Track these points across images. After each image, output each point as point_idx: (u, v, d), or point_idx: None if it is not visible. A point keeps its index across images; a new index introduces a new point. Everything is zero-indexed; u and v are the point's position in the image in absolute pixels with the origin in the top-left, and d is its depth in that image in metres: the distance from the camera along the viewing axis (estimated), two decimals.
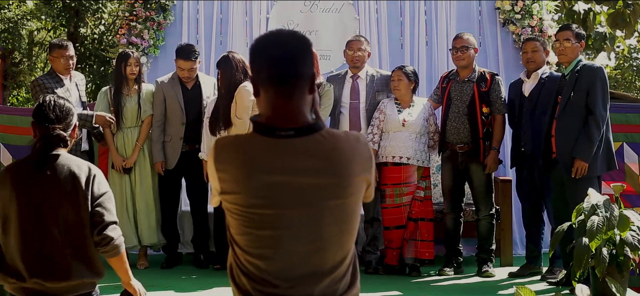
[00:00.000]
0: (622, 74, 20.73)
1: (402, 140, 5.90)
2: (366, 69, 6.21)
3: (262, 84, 1.98)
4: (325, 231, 1.94)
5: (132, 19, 7.19)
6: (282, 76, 1.96)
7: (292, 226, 1.93)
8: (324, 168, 1.93)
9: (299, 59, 1.98)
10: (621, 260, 4.44)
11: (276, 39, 2.01)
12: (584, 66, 5.26)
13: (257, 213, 1.93)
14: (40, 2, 12.68)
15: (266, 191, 1.92)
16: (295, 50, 1.98)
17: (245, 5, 7.35)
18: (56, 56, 6.05)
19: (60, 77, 6.06)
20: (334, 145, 1.96)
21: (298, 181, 1.92)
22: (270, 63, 1.97)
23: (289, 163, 1.92)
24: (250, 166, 1.93)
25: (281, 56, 1.97)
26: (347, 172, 1.95)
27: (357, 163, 1.97)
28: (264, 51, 1.99)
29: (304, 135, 1.95)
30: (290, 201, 1.92)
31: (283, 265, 1.93)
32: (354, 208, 1.99)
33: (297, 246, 1.93)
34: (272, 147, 1.94)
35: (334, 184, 1.94)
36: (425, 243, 5.93)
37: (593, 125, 5.11)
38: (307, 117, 1.98)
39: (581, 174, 5.10)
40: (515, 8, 7.11)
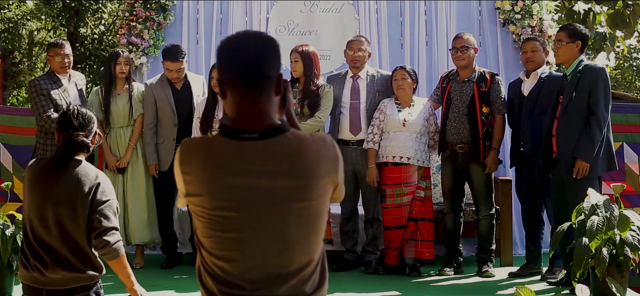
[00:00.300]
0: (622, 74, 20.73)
1: (402, 140, 5.90)
2: (366, 69, 6.21)
3: (228, 86, 1.97)
4: (290, 234, 1.93)
5: (132, 19, 7.19)
6: (247, 77, 1.95)
7: (257, 229, 1.93)
8: (289, 170, 1.93)
9: (265, 61, 1.97)
10: (621, 260, 4.44)
11: (242, 41, 1.99)
12: (586, 66, 5.24)
13: (221, 215, 1.93)
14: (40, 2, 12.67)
15: (230, 194, 1.92)
16: (261, 52, 1.97)
17: (245, 6, 7.35)
18: (52, 54, 6.07)
19: (58, 77, 6.05)
20: (299, 147, 1.95)
21: (262, 183, 1.91)
22: (236, 65, 1.96)
23: (253, 165, 1.92)
24: (214, 168, 1.93)
25: (247, 57, 1.95)
26: (312, 174, 1.94)
27: (323, 165, 1.96)
28: (230, 53, 1.97)
29: (269, 137, 1.94)
30: (254, 203, 1.92)
31: (248, 267, 1.93)
32: (319, 210, 1.98)
33: (262, 248, 1.93)
34: (237, 149, 1.94)
35: (299, 187, 1.93)
36: (425, 243, 5.93)
37: (595, 125, 5.10)
38: (273, 119, 1.98)
39: (582, 175, 5.09)
40: (515, 8, 7.11)
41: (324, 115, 5.97)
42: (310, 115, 5.92)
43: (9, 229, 4.82)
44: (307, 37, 6.99)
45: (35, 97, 5.96)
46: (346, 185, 6.43)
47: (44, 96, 5.93)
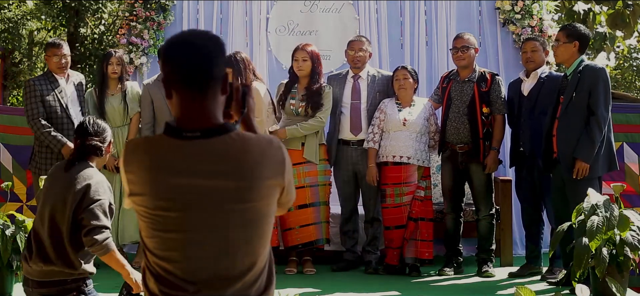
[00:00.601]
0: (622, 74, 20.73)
1: (402, 140, 5.90)
2: (367, 70, 6.21)
3: (173, 86, 1.95)
4: (232, 235, 1.91)
5: (132, 19, 7.19)
6: (191, 77, 1.93)
7: (198, 229, 1.90)
8: (231, 170, 1.90)
9: (210, 60, 1.94)
10: (621, 260, 4.44)
11: (187, 40, 1.96)
12: (586, 66, 5.24)
13: (162, 215, 1.91)
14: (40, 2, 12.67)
15: (171, 194, 1.90)
16: (206, 50, 1.95)
17: (245, 6, 7.35)
18: (50, 54, 6.07)
19: (56, 77, 6.04)
20: (242, 147, 1.92)
21: (204, 183, 1.89)
22: (181, 64, 1.93)
23: (195, 165, 1.89)
24: (155, 168, 1.91)
25: (191, 56, 1.93)
26: (255, 175, 1.91)
27: (267, 166, 1.93)
28: (175, 52, 1.95)
29: (212, 136, 1.92)
30: (195, 203, 1.89)
31: (190, 268, 1.90)
32: (264, 213, 1.95)
33: (204, 249, 1.90)
34: (179, 148, 1.91)
35: (241, 188, 1.90)
36: (425, 242, 5.93)
37: (595, 126, 5.10)
38: (217, 119, 1.95)
39: (582, 175, 5.09)
40: (515, 8, 7.11)
41: (324, 115, 5.97)
42: (312, 115, 5.92)
43: (9, 229, 4.81)
44: (307, 37, 6.99)
45: (27, 99, 5.98)
46: (346, 185, 6.50)
47: (36, 97, 5.92)
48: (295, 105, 5.95)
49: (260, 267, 1.96)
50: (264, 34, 7.34)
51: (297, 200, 5.92)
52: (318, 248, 6.12)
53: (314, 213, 5.95)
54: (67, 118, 6.00)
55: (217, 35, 2.02)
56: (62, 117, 5.99)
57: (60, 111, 5.99)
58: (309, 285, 5.44)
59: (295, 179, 5.92)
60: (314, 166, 5.95)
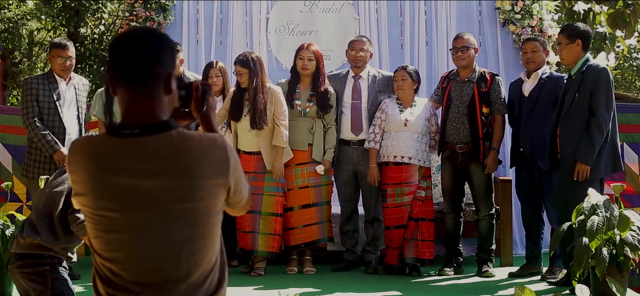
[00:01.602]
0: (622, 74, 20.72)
1: (403, 140, 5.90)
2: (368, 70, 6.21)
3: (117, 83, 1.91)
4: (175, 235, 1.87)
5: (132, 19, 7.19)
6: (133, 74, 1.89)
7: (140, 229, 1.87)
8: (170, 169, 1.86)
9: (153, 58, 1.91)
10: (621, 260, 4.44)
11: (132, 37, 1.93)
12: (590, 66, 5.20)
13: (105, 215, 1.88)
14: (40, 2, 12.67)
15: (112, 193, 1.87)
16: (149, 48, 1.91)
17: (245, 6, 7.35)
18: (54, 55, 5.91)
19: (56, 79, 5.89)
20: (183, 145, 1.88)
21: (144, 182, 1.86)
22: (124, 61, 1.90)
23: (134, 163, 1.86)
24: (96, 167, 1.88)
25: (134, 54, 1.90)
26: (195, 174, 1.87)
27: (208, 165, 1.89)
28: (119, 49, 1.92)
29: (151, 134, 1.88)
30: (136, 203, 1.86)
31: (135, 269, 1.87)
32: (207, 212, 1.91)
33: (148, 249, 1.87)
34: (119, 147, 1.88)
35: (181, 187, 1.86)
36: (425, 242, 5.93)
37: (595, 128, 5.06)
38: (159, 117, 1.90)
39: (583, 178, 5.06)
40: (515, 8, 7.11)
41: (333, 118, 6.02)
42: (321, 116, 5.93)
43: (9, 229, 4.81)
44: (307, 37, 6.99)
45: (24, 97, 5.89)
46: (346, 185, 6.50)
47: (32, 96, 5.79)
48: (302, 106, 5.95)
49: (207, 268, 1.93)
50: (264, 34, 7.34)
51: (301, 200, 5.93)
52: (320, 248, 6.13)
53: (317, 212, 5.96)
54: (59, 121, 5.84)
55: (164, 33, 1.99)
56: (54, 119, 5.84)
57: (53, 113, 5.84)
58: (309, 285, 5.44)
59: (299, 179, 5.93)
60: (316, 165, 5.95)
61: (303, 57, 5.96)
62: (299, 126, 5.95)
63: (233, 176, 1.95)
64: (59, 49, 5.88)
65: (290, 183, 5.89)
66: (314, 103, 5.95)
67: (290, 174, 5.89)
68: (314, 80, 5.97)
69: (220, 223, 1.97)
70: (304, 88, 6.00)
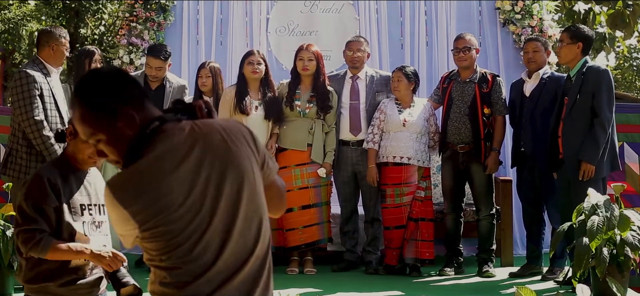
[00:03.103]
0: (622, 74, 20.74)
1: (402, 140, 5.90)
2: (366, 70, 6.22)
3: (132, 104, 1.93)
4: (252, 229, 1.98)
5: (132, 20, 7.20)
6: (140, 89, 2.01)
7: (220, 230, 1.94)
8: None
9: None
10: (622, 259, 4.44)
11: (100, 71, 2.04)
12: (590, 68, 5.25)
13: (182, 220, 1.91)
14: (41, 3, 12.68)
15: (191, 195, 1.91)
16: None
17: (245, 6, 7.35)
18: (57, 44, 5.34)
19: (47, 67, 5.31)
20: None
21: (211, 175, 1.95)
22: (131, 80, 1.99)
23: (183, 160, 1.93)
24: (160, 179, 1.92)
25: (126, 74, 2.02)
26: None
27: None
28: (120, 80, 1.97)
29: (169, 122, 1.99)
30: (210, 199, 1.93)
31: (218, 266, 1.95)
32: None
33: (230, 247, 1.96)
34: (165, 151, 1.94)
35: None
36: (425, 243, 5.93)
37: (599, 128, 5.12)
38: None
39: (588, 177, 5.10)
40: (516, 8, 7.12)
41: (333, 119, 6.04)
42: (321, 116, 5.94)
43: (10, 230, 4.81)
44: (308, 38, 6.99)
45: (24, 91, 5.14)
46: (346, 185, 6.50)
47: (36, 90, 5.14)
48: (302, 106, 5.96)
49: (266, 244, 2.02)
50: (264, 35, 7.34)
51: (301, 201, 5.93)
52: (320, 248, 6.13)
53: (317, 213, 5.96)
54: (59, 117, 5.29)
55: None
56: (55, 117, 5.26)
57: (53, 109, 5.27)
58: (310, 285, 5.44)
59: (299, 180, 5.94)
60: (316, 167, 5.95)
61: (303, 57, 5.96)
62: (298, 127, 5.95)
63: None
64: (62, 39, 5.39)
65: (290, 183, 5.88)
66: (314, 104, 5.95)
67: (290, 175, 5.89)
68: (314, 81, 5.98)
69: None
70: (304, 89, 6.01)
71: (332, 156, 6.00)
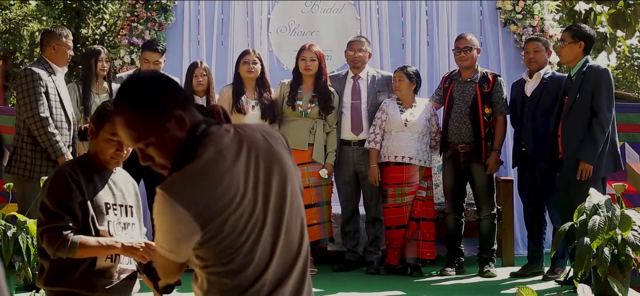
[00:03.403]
0: (624, 74, 20.73)
1: (404, 140, 5.90)
2: (367, 70, 6.22)
3: (182, 106, 1.93)
4: (296, 232, 2.06)
5: (133, 20, 7.19)
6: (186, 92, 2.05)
7: (272, 231, 1.99)
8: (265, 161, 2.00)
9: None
10: (623, 259, 4.44)
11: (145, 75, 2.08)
12: (590, 67, 5.24)
13: (233, 223, 1.94)
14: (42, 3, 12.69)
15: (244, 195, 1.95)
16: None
17: (246, 6, 7.35)
18: (60, 44, 5.41)
19: (52, 67, 5.41)
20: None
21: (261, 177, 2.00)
22: (177, 86, 2.00)
23: (234, 161, 1.96)
24: (211, 184, 1.95)
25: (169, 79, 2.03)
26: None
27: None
28: (168, 78, 2.01)
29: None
30: (261, 198, 1.97)
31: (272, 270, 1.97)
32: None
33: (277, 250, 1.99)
34: (216, 154, 1.96)
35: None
36: (427, 243, 5.93)
37: (597, 128, 5.11)
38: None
39: (586, 176, 5.10)
40: (517, 8, 7.11)
41: (335, 119, 6.04)
42: (322, 116, 5.94)
43: (11, 230, 4.81)
44: (308, 38, 6.99)
45: (29, 88, 5.21)
46: (347, 185, 6.50)
47: (42, 88, 5.22)
48: (304, 106, 5.96)
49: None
50: (265, 35, 7.34)
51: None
52: (321, 248, 6.13)
53: (318, 212, 5.96)
54: (64, 115, 5.38)
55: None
56: (60, 115, 5.34)
57: (58, 107, 5.34)
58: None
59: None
60: (317, 166, 5.95)
61: (305, 58, 5.96)
62: (299, 126, 5.95)
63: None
64: (66, 39, 5.47)
65: None
66: (315, 104, 5.95)
67: None
68: (316, 81, 5.98)
69: None
70: (306, 89, 6.01)
71: (334, 157, 6.00)
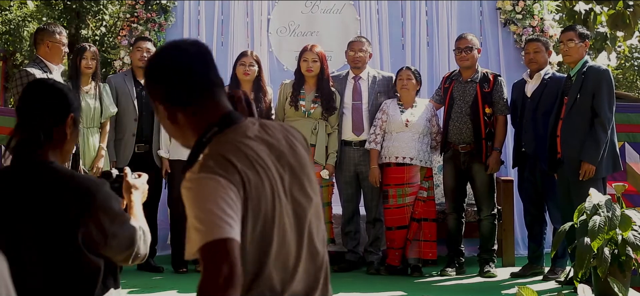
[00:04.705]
0: (624, 74, 20.74)
1: (405, 140, 5.91)
2: (368, 70, 6.22)
3: (209, 90, 1.84)
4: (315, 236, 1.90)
5: (133, 20, 7.19)
6: (214, 78, 1.86)
7: (282, 235, 1.84)
8: (289, 162, 1.85)
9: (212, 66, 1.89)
10: (623, 259, 4.43)
11: (191, 46, 1.89)
12: (591, 67, 5.27)
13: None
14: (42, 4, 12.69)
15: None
16: (210, 55, 1.90)
17: (246, 6, 7.35)
18: (55, 42, 5.39)
19: (48, 66, 5.36)
20: (289, 135, 1.88)
21: (277, 178, 1.85)
22: (210, 69, 1.86)
23: (256, 158, 1.80)
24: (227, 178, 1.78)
25: (209, 61, 1.88)
26: (308, 164, 1.91)
27: (307, 153, 1.93)
28: (197, 59, 1.87)
29: (229, 125, 1.83)
30: (272, 201, 1.79)
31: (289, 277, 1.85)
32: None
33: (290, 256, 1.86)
34: (231, 149, 1.81)
35: (305, 180, 1.85)
36: (428, 243, 5.94)
37: (599, 128, 5.14)
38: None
39: (588, 177, 5.11)
40: (516, 8, 7.11)
41: (336, 120, 6.04)
42: (325, 117, 5.94)
43: None
44: (309, 38, 6.99)
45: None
46: (348, 186, 6.50)
47: None
48: (306, 106, 5.96)
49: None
50: (265, 35, 7.34)
51: None
52: None
53: None
54: None
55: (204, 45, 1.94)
56: None
57: None
58: None
59: None
60: (318, 167, 5.95)
61: (307, 59, 5.96)
62: (301, 126, 5.94)
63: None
64: (59, 36, 5.43)
65: None
66: (318, 104, 5.95)
67: None
68: (318, 81, 5.99)
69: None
70: (308, 89, 6.01)
71: (335, 158, 6.00)
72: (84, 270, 2.19)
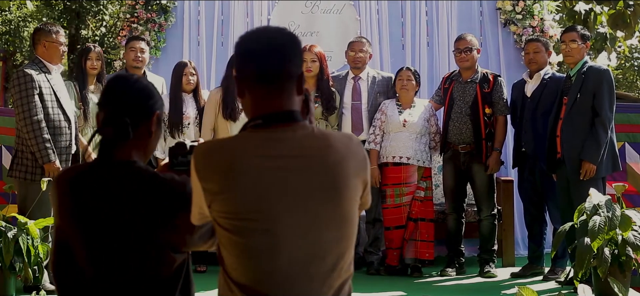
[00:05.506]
0: (624, 74, 20.74)
1: (402, 140, 5.91)
2: (367, 71, 6.22)
3: (247, 83, 1.84)
4: (324, 237, 1.80)
5: (133, 21, 7.19)
6: (268, 72, 1.81)
7: (284, 233, 1.79)
8: (316, 165, 1.80)
9: (287, 57, 1.83)
10: (623, 260, 4.44)
11: (263, 35, 1.85)
12: (591, 67, 5.28)
13: (245, 219, 1.81)
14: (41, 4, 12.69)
15: (253, 193, 1.79)
16: (283, 47, 1.83)
17: (246, 6, 7.35)
18: (53, 42, 5.30)
19: (47, 66, 5.30)
20: (324, 140, 1.82)
21: (289, 178, 1.78)
22: (257, 59, 1.82)
23: (274, 159, 1.80)
24: (230, 167, 1.82)
25: (268, 52, 1.82)
26: (341, 172, 1.83)
27: (352, 163, 1.84)
28: (250, 47, 1.84)
29: (275, 123, 1.82)
30: (278, 202, 1.78)
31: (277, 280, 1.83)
32: (353, 212, 1.86)
33: (292, 256, 1.82)
34: (255, 143, 1.83)
35: (329, 186, 1.79)
36: (425, 243, 5.94)
37: (600, 128, 5.15)
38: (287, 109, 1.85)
39: (589, 177, 5.12)
40: (516, 8, 7.11)
41: (336, 119, 6.04)
42: (325, 117, 5.94)
43: (11, 231, 4.81)
44: (309, 38, 6.99)
45: (21, 91, 5.12)
46: None
47: (35, 90, 5.11)
48: None
49: (349, 275, 1.87)
50: None
51: None
52: None
53: None
54: (62, 114, 5.26)
55: (293, 33, 1.89)
56: (58, 114, 5.23)
57: (55, 106, 5.23)
58: None
59: None
60: None
61: (306, 59, 5.96)
62: None
63: (367, 174, 1.90)
64: (57, 35, 5.36)
65: None
66: (318, 104, 5.96)
67: None
68: (318, 81, 5.98)
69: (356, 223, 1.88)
70: (310, 89, 6.01)
71: None
72: (168, 269, 2.15)
